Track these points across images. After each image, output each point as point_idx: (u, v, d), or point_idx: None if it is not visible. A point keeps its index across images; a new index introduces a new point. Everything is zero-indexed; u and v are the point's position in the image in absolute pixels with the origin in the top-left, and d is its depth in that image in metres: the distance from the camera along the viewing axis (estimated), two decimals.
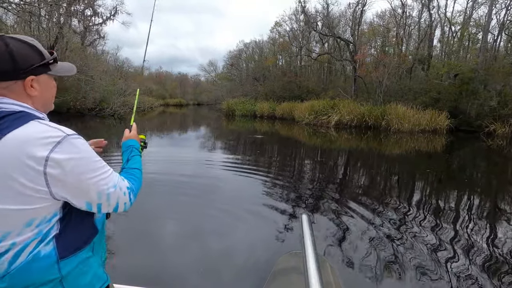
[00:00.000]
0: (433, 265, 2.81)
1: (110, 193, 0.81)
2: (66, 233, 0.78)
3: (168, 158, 7.90)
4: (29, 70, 0.78)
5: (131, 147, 1.10)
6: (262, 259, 2.83)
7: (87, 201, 0.78)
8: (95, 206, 0.80)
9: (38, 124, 0.74)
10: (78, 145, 0.76)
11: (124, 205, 0.86)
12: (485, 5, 18.81)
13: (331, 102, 18.15)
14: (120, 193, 0.84)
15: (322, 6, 23.89)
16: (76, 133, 0.78)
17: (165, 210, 4.13)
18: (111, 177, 0.82)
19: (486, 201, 5.13)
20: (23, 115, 0.75)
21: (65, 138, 0.74)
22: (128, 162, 1.03)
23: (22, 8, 12.18)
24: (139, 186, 0.95)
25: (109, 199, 0.81)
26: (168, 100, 52.89)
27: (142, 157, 1.20)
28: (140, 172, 1.01)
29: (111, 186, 0.81)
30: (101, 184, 0.79)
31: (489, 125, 13.70)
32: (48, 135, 0.72)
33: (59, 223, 0.77)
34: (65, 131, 0.75)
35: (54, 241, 0.76)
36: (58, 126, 0.76)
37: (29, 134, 0.71)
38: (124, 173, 0.96)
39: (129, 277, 2.27)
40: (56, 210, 0.77)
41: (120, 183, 0.85)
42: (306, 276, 0.84)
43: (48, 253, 0.74)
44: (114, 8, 22.54)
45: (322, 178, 6.41)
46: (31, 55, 0.79)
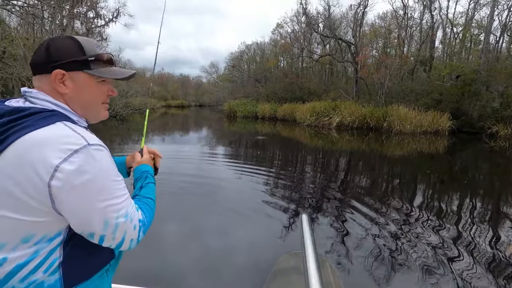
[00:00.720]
0: (434, 266, 2.80)
1: (119, 224, 0.67)
2: (74, 260, 0.68)
3: (169, 158, 7.92)
4: (59, 64, 0.70)
5: (145, 172, 0.97)
6: (262, 259, 2.84)
7: (90, 230, 0.66)
8: (97, 237, 0.67)
9: (62, 127, 0.66)
10: (98, 158, 0.65)
11: (130, 242, 0.71)
12: (487, 6, 18.77)
13: (332, 104, 18.13)
14: (129, 226, 0.70)
15: (323, 8, 23.97)
16: (101, 143, 0.68)
17: (165, 210, 4.14)
18: (125, 204, 0.69)
19: (489, 202, 5.11)
20: (53, 114, 0.67)
21: (85, 147, 0.64)
22: (141, 190, 0.89)
23: (25, 11, 12.28)
24: (151, 221, 0.81)
25: (115, 231, 0.67)
26: (170, 102, 53.11)
27: None
28: (154, 204, 0.88)
29: (123, 215, 0.68)
30: (110, 210, 0.66)
31: (491, 127, 13.63)
32: (68, 140, 0.63)
33: (62, 247, 0.67)
34: (88, 139, 0.65)
35: (61, 270, 0.66)
36: (83, 133, 0.67)
37: (48, 136, 0.63)
38: (137, 202, 0.81)
39: (129, 277, 2.28)
40: (59, 229, 0.66)
41: (133, 214, 0.71)
42: (306, 276, 0.84)
43: (52, 284, 0.65)
44: (117, 10, 22.69)
45: (323, 179, 6.41)
46: (69, 49, 0.72)
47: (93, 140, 0.66)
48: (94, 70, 0.75)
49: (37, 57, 0.72)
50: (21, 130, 0.63)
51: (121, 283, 1.28)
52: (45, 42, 0.74)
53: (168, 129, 18.05)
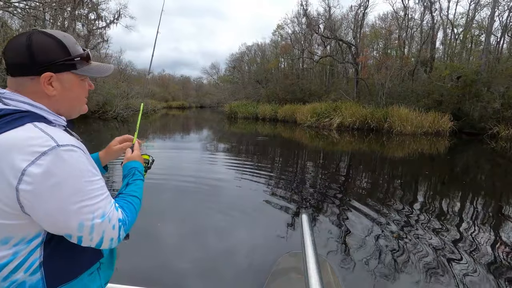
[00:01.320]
0: (435, 267, 2.79)
1: (95, 225, 0.66)
2: (56, 259, 0.67)
3: (170, 159, 7.92)
4: (47, 66, 0.68)
5: (133, 169, 0.94)
6: (262, 259, 2.84)
7: (66, 232, 0.64)
8: (75, 238, 0.65)
9: (31, 128, 0.64)
10: (68, 159, 0.63)
11: (110, 241, 0.69)
12: (487, 7, 18.79)
13: (333, 105, 18.13)
14: (107, 226, 0.68)
15: (324, 9, 24.02)
16: (72, 143, 0.66)
17: (166, 210, 4.15)
18: (101, 204, 0.67)
19: (490, 203, 5.09)
20: (24, 116, 0.65)
21: (53, 149, 0.61)
22: (127, 187, 0.87)
23: (27, 13, 12.33)
24: (133, 219, 0.78)
25: (92, 232, 0.66)
26: (170, 103, 53.21)
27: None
28: (139, 202, 0.85)
29: (99, 215, 0.66)
30: (85, 211, 0.64)
31: (492, 127, 13.61)
32: (35, 142, 0.61)
33: (42, 247, 0.66)
34: (58, 140, 0.63)
35: (42, 269, 0.65)
36: (53, 133, 0.64)
37: (15, 139, 0.61)
38: (120, 200, 0.80)
39: (129, 277, 2.28)
40: (37, 231, 0.65)
41: (111, 214, 0.69)
42: (306, 276, 0.84)
43: (34, 283, 0.65)
44: (118, 12, 22.80)
45: (323, 179, 6.40)
46: (53, 49, 0.70)
47: (64, 141, 0.64)
48: (79, 70, 0.75)
49: (18, 57, 0.68)
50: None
51: (121, 283, 1.28)
52: (21, 40, 0.68)
53: (168, 130, 18.07)
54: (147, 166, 1.13)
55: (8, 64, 0.69)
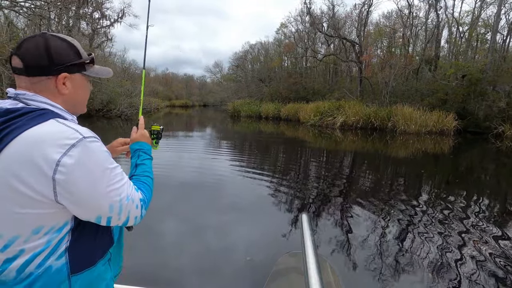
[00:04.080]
0: (437, 267, 2.78)
1: (123, 206, 0.73)
2: (79, 246, 0.73)
3: (171, 157, 7.96)
4: (63, 67, 0.76)
5: (138, 151, 1.00)
6: (262, 259, 2.85)
7: (98, 214, 0.72)
8: (104, 219, 0.73)
9: (55, 123, 0.70)
10: (94, 149, 0.70)
11: (134, 219, 0.78)
12: (493, 5, 18.54)
13: (336, 103, 18.06)
14: (132, 206, 0.76)
15: (327, 7, 23.83)
16: (94, 135, 0.73)
17: (166, 210, 4.16)
18: (125, 187, 0.75)
19: (496, 203, 5.05)
20: (45, 112, 0.71)
21: (81, 140, 0.68)
22: (137, 169, 0.93)
23: (32, 12, 12.43)
24: (150, 197, 0.87)
25: (121, 213, 0.74)
26: (174, 101, 53.35)
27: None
28: (152, 181, 0.92)
29: (124, 197, 0.74)
30: (113, 195, 0.72)
31: (497, 127, 13.47)
32: (64, 135, 0.67)
33: (70, 234, 0.72)
34: (82, 132, 0.70)
35: (67, 254, 0.71)
36: (77, 127, 0.71)
37: (44, 133, 0.67)
38: (136, 182, 0.87)
39: (128, 277, 2.30)
40: (66, 219, 0.71)
41: (133, 195, 0.77)
42: (306, 276, 0.85)
43: (59, 267, 0.70)
44: (122, 10, 22.88)
45: (325, 178, 6.40)
46: (68, 52, 0.77)
47: (87, 133, 0.71)
48: (88, 71, 0.83)
49: (37, 59, 0.73)
50: (17, 128, 0.66)
51: (121, 283, 1.29)
52: (38, 42, 0.74)
53: (172, 128, 18.14)
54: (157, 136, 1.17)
55: (27, 65, 0.74)
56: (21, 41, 0.75)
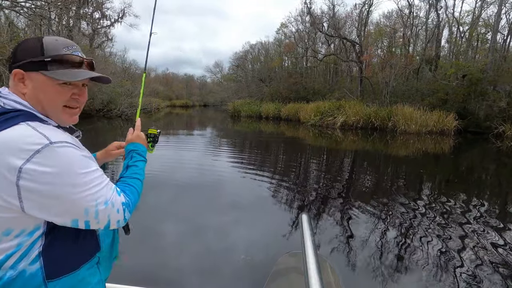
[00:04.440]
0: (437, 267, 2.78)
1: (99, 210, 0.70)
2: (55, 250, 0.70)
3: (172, 157, 7.97)
4: (19, 64, 0.72)
5: (132, 152, 0.97)
6: (262, 259, 2.85)
7: (72, 218, 0.68)
8: (82, 222, 0.69)
9: (24, 127, 0.66)
10: (62, 154, 0.66)
11: (117, 223, 0.75)
12: (494, 5, 18.53)
13: (337, 103, 18.06)
14: (112, 210, 0.72)
15: (328, 7, 23.84)
16: (65, 139, 0.69)
17: (166, 210, 4.17)
18: (102, 192, 0.71)
19: (496, 203, 5.05)
20: (18, 115, 0.69)
21: (47, 146, 0.64)
22: (127, 170, 0.91)
23: (33, 12, 12.45)
24: (136, 200, 0.83)
25: (97, 217, 0.70)
26: (174, 101, 53.38)
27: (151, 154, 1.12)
28: (141, 183, 0.89)
29: (102, 202, 0.70)
30: (87, 200, 0.68)
31: (498, 127, 13.46)
32: (29, 141, 0.64)
33: (43, 239, 0.69)
34: (50, 137, 0.66)
35: (41, 259, 0.68)
36: (46, 131, 0.67)
37: (10, 138, 0.64)
38: (121, 184, 0.84)
39: (128, 277, 2.31)
40: (37, 223, 0.68)
41: (113, 199, 0.73)
42: (306, 276, 0.84)
43: (34, 272, 0.67)
44: (122, 10, 22.91)
45: (326, 178, 6.40)
46: (31, 49, 0.73)
47: (56, 138, 0.67)
48: (50, 72, 0.73)
49: (11, 56, 0.74)
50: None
51: (121, 283, 1.29)
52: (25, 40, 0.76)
53: (172, 128, 18.15)
54: (153, 140, 1.16)
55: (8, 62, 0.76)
56: None
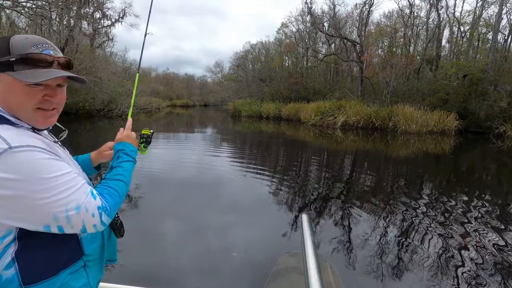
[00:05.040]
0: (438, 267, 2.78)
1: (70, 216, 0.66)
2: (30, 255, 0.68)
3: (172, 157, 7.98)
4: None
5: (119, 152, 0.93)
6: (262, 259, 2.85)
7: (43, 224, 0.65)
8: (54, 228, 0.66)
9: None
10: (23, 159, 0.63)
11: (93, 227, 0.70)
12: (495, 5, 18.49)
13: (337, 103, 18.05)
14: (85, 215, 0.68)
15: (328, 7, 23.82)
16: (28, 143, 0.66)
17: (166, 209, 4.17)
18: (73, 197, 0.67)
19: (496, 203, 5.04)
20: None
21: (6, 152, 0.61)
22: (111, 171, 0.86)
23: (34, 12, 12.46)
24: (118, 202, 0.78)
25: (70, 222, 0.67)
26: (175, 101, 53.39)
27: (145, 155, 1.09)
28: (124, 184, 0.83)
29: (72, 208, 0.66)
30: (55, 206, 0.64)
31: (499, 127, 13.44)
32: None
33: (16, 243, 0.67)
34: (10, 142, 0.63)
35: (16, 264, 0.66)
36: (8, 135, 0.64)
37: None
38: (100, 187, 0.79)
39: (128, 277, 2.31)
40: (8, 228, 0.66)
41: (87, 203, 0.69)
42: (306, 276, 0.84)
43: (9, 277, 0.65)
44: (123, 10, 22.91)
45: (326, 179, 6.40)
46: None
47: (18, 142, 0.64)
48: (16, 72, 0.69)
49: None
50: None
51: (121, 283, 1.30)
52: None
53: (172, 128, 18.16)
54: (146, 141, 1.12)
55: None
56: None
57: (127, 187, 0.85)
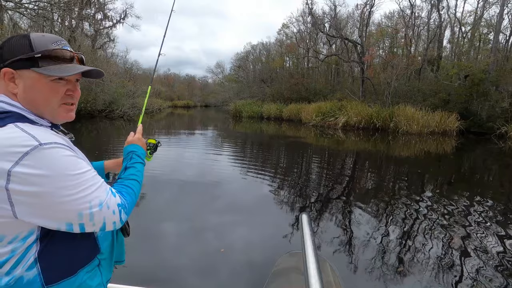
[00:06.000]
0: (437, 268, 2.78)
1: (94, 213, 0.67)
2: (52, 255, 0.68)
3: (173, 157, 7.99)
4: (8, 63, 0.69)
5: (131, 153, 0.96)
6: (262, 259, 2.86)
7: (66, 222, 0.66)
8: (76, 226, 0.67)
9: (13, 129, 0.64)
10: (52, 156, 0.64)
11: (113, 224, 0.72)
12: (496, 5, 18.45)
13: (338, 104, 18.05)
14: (107, 212, 0.70)
15: (329, 8, 23.87)
16: (55, 140, 0.66)
17: (167, 210, 4.18)
18: (96, 194, 0.68)
19: (498, 204, 5.02)
20: (8, 116, 0.66)
21: (36, 148, 0.62)
22: (125, 171, 0.88)
23: (36, 13, 12.53)
24: (133, 201, 0.81)
25: (92, 219, 0.68)
26: (176, 102, 53.52)
27: (149, 160, 1.13)
28: (139, 185, 0.87)
29: (96, 204, 0.68)
30: (81, 202, 0.65)
31: (500, 127, 13.40)
32: (17, 143, 0.61)
33: (38, 244, 0.67)
34: (39, 139, 0.63)
35: (38, 265, 0.66)
36: (35, 132, 0.65)
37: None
38: (117, 185, 0.82)
39: (128, 277, 2.32)
40: (30, 228, 0.66)
41: (109, 201, 0.71)
42: (306, 276, 0.84)
43: (31, 279, 0.66)
44: (124, 11, 23.00)
45: (327, 179, 6.39)
46: (19, 47, 0.70)
47: (46, 139, 0.64)
48: (42, 68, 0.71)
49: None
50: None
51: (121, 283, 1.30)
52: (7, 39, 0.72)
53: (173, 128, 18.19)
54: (151, 148, 1.16)
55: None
56: None
57: (140, 187, 0.87)
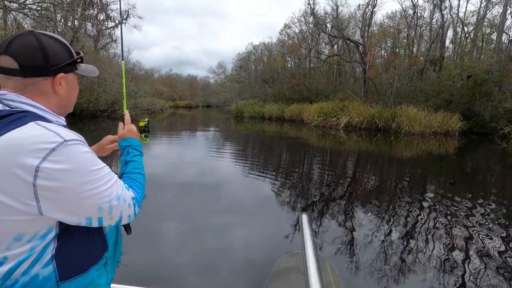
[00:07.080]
0: (437, 269, 2.77)
1: (113, 207, 0.71)
2: (67, 252, 0.70)
3: (174, 157, 8.00)
4: (59, 67, 0.75)
5: (127, 147, 0.98)
6: (262, 259, 2.86)
7: (87, 216, 0.69)
8: (95, 220, 0.70)
9: (35, 127, 0.66)
10: (76, 152, 0.67)
11: (128, 217, 0.76)
12: (499, 5, 18.35)
13: (340, 104, 18.01)
14: (124, 206, 0.74)
15: (331, 8, 23.79)
16: (76, 138, 0.70)
17: (167, 209, 4.19)
18: (114, 188, 0.72)
19: (501, 205, 5.00)
20: (25, 115, 0.68)
21: (62, 144, 0.65)
22: (127, 166, 0.91)
23: (40, 14, 12.60)
24: (143, 194, 0.85)
25: (111, 213, 0.71)
26: (178, 102, 53.63)
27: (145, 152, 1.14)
28: (143, 177, 0.90)
29: (114, 198, 0.72)
30: (101, 196, 0.69)
31: (503, 128, 13.31)
32: (42, 140, 0.64)
33: (56, 241, 0.69)
34: (63, 135, 0.66)
35: (54, 262, 0.68)
36: (58, 130, 0.67)
37: (21, 138, 0.63)
38: (126, 180, 0.84)
39: (128, 277, 2.32)
40: (50, 226, 0.67)
41: (124, 194, 0.75)
42: (306, 276, 0.85)
43: (47, 276, 0.67)
44: (126, 12, 23.06)
45: (328, 179, 6.38)
46: (62, 52, 0.76)
47: (69, 136, 0.68)
48: (79, 70, 0.82)
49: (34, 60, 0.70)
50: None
51: (121, 283, 1.30)
52: (31, 42, 0.71)
53: (175, 128, 18.23)
54: (145, 132, 1.16)
55: (23, 66, 0.70)
56: (10, 40, 0.70)
57: (145, 179, 0.90)
